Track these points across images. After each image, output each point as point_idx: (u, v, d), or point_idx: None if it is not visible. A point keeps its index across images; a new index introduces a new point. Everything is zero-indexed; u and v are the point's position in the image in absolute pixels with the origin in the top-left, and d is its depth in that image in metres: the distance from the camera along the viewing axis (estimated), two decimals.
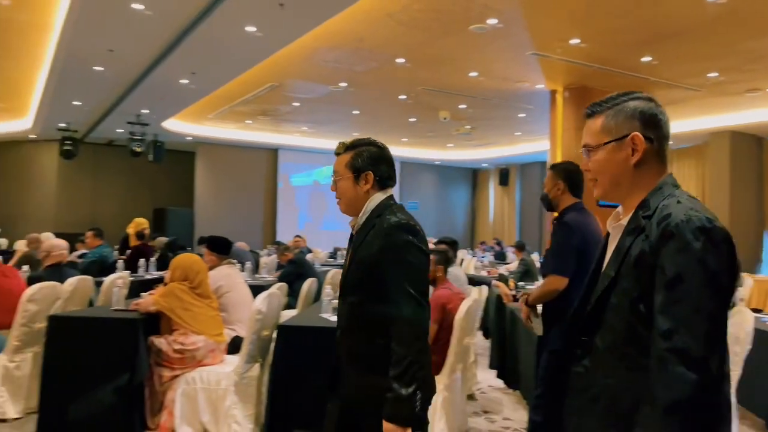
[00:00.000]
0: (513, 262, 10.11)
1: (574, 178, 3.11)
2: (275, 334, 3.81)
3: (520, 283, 6.82)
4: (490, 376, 5.51)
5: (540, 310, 3.10)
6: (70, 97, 10.02)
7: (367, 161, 2.01)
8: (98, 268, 6.56)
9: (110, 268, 6.59)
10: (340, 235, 15.69)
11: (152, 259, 7.36)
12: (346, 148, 2.06)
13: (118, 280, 5.24)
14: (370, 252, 1.90)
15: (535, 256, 10.30)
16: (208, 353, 3.91)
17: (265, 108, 11.53)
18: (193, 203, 15.33)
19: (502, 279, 5.72)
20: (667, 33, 6.80)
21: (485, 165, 18.83)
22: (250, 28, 6.48)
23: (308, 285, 5.52)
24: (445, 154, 17.25)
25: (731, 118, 11.11)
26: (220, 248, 4.79)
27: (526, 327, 3.18)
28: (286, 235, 14.28)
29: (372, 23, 6.67)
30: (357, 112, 11.77)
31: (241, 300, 4.50)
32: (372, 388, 1.84)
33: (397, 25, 6.69)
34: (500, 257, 13.19)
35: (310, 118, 12.54)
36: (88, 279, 4.89)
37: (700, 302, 1.19)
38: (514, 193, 18.21)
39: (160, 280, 6.07)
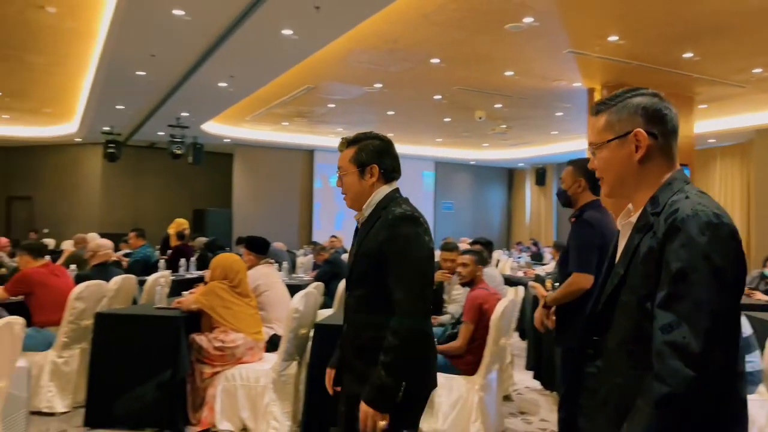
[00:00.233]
0: (550, 263, 9.99)
1: (595, 176, 3.07)
2: (312, 333, 3.87)
3: (557, 284, 6.74)
4: (527, 378, 5.47)
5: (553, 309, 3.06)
6: (114, 101, 10.31)
7: (372, 155, 2.01)
8: (141, 267, 6.75)
9: (152, 268, 6.77)
10: None
11: (192, 259, 7.53)
12: (349, 143, 2.05)
13: (161, 279, 5.38)
14: (376, 243, 1.90)
15: None
16: (247, 351, 3.99)
17: (301, 110, 11.66)
18: (231, 204, 15.59)
19: (539, 280, 5.67)
20: (710, 28, 6.64)
21: (521, 165, 18.63)
22: (286, 32, 6.57)
23: (344, 284, 5.56)
24: (481, 153, 17.14)
25: None
26: (259, 248, 4.88)
27: (537, 328, 3.15)
28: (321, 235, 14.41)
29: (407, 24, 6.69)
30: (392, 113, 11.80)
31: (279, 299, 4.57)
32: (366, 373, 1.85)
33: (432, 25, 6.69)
34: (537, 258, 13.03)
35: (345, 120, 12.62)
36: (132, 278, 5.04)
37: (704, 298, 1.16)
38: (550, 193, 17.96)
39: (200, 279, 6.22)
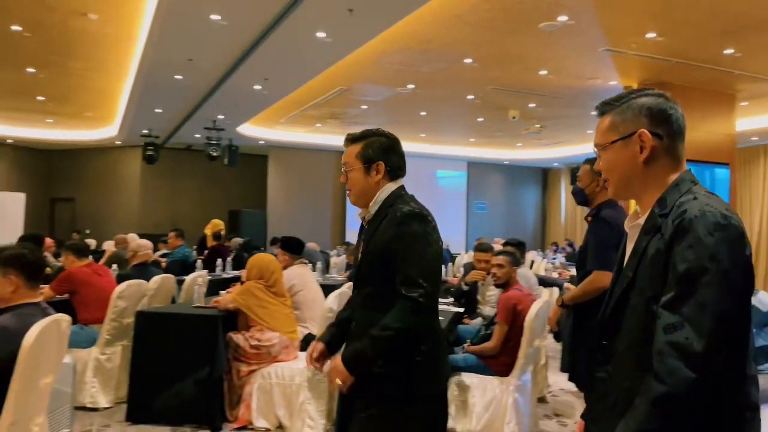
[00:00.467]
0: None
1: None
2: None
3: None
4: (562, 380, 5.41)
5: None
6: (153, 105, 10.56)
7: (378, 151, 2.00)
8: (179, 267, 6.90)
9: (190, 268, 6.92)
10: None
11: (228, 259, 7.66)
12: (355, 139, 2.04)
13: (198, 278, 5.50)
14: (383, 241, 1.89)
15: None
16: (283, 349, 4.05)
17: (334, 111, 11.75)
18: (266, 205, 15.79)
19: (574, 281, 5.60)
20: (752, 23, 6.46)
21: (556, 164, 18.40)
22: (320, 34, 6.64)
23: None
24: (514, 153, 16.99)
25: None
26: (293, 248, 4.95)
27: (551, 327, 3.12)
28: (354, 235, 14.46)
29: (440, 25, 6.69)
30: (424, 113, 11.79)
31: (313, 298, 4.63)
32: (386, 369, 1.85)
33: (465, 25, 6.68)
34: (572, 259, 12.87)
35: (377, 121, 12.65)
36: (171, 277, 5.16)
37: (709, 299, 1.14)
38: None
39: (236, 279, 6.33)
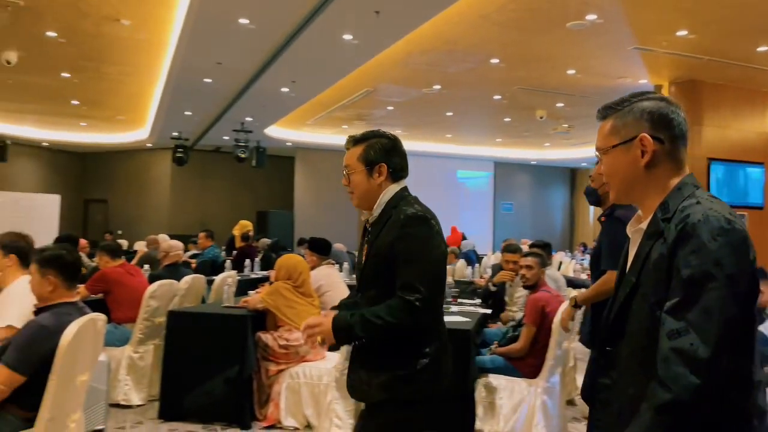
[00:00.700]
0: None
1: None
2: None
3: None
4: None
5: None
6: (182, 108, 10.75)
7: (380, 153, 1.98)
8: (209, 267, 7.01)
9: (220, 268, 7.02)
10: None
11: (256, 260, 7.75)
12: (356, 141, 2.02)
13: (228, 278, 5.58)
14: (386, 243, 1.87)
15: None
16: (311, 349, 4.09)
17: (360, 113, 11.80)
18: (293, 206, 15.93)
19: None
20: None
21: (584, 164, 18.16)
22: (347, 37, 6.68)
23: None
24: (542, 153, 16.84)
25: None
26: (321, 249, 4.99)
27: (563, 328, 3.10)
28: None
29: (466, 25, 6.68)
30: (450, 114, 11.77)
31: (341, 299, 4.65)
32: (387, 381, 1.84)
33: (492, 25, 6.65)
34: None
35: (403, 121, 12.68)
36: (201, 278, 5.25)
37: (714, 305, 1.13)
38: None
39: (264, 279, 6.40)
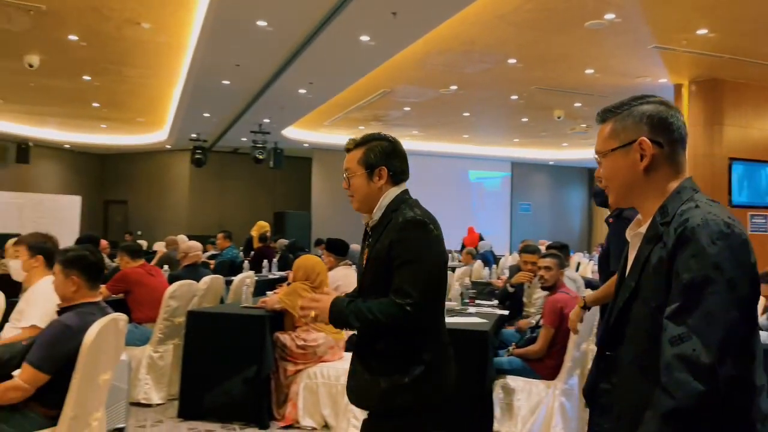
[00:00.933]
0: None
1: None
2: None
3: None
4: None
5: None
6: (201, 109, 10.86)
7: (380, 156, 1.96)
8: (227, 267, 7.07)
9: (238, 268, 7.07)
10: (451, 237, 15.68)
11: (274, 260, 7.80)
12: (356, 144, 2.00)
13: (246, 279, 5.62)
14: (384, 247, 1.86)
15: None
16: (328, 350, 4.11)
17: (377, 114, 11.82)
18: (310, 206, 15.99)
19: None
20: None
21: None
22: (363, 38, 6.70)
23: None
24: (560, 153, 16.72)
25: None
26: (338, 250, 5.01)
27: (572, 330, 3.08)
28: None
29: (483, 26, 6.66)
30: (467, 114, 11.75)
31: None
32: (385, 390, 1.83)
33: (509, 26, 6.63)
34: None
35: (420, 122, 12.68)
36: (220, 278, 5.29)
37: (715, 309, 1.12)
38: None
39: (282, 280, 6.44)
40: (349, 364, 2.02)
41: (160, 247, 9.40)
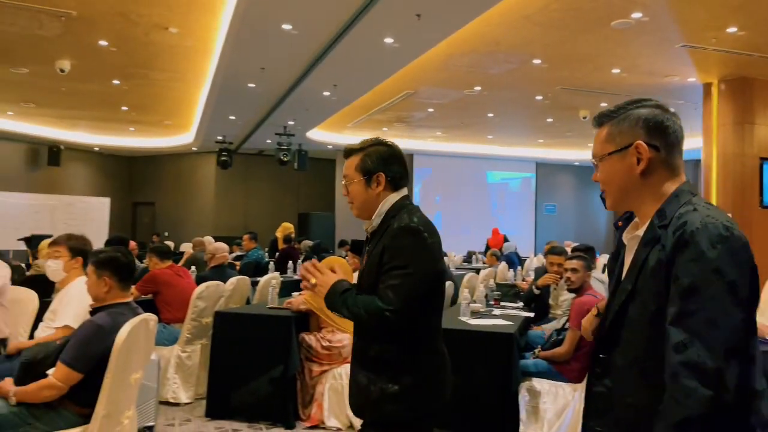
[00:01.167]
0: None
1: None
2: None
3: None
4: None
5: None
6: (227, 112, 10.98)
7: (377, 162, 1.92)
8: (253, 268, 7.14)
9: (263, 269, 7.14)
10: (475, 239, 15.62)
11: (299, 261, 7.85)
12: (354, 150, 1.98)
13: (272, 280, 5.67)
14: (378, 254, 1.84)
15: None
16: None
17: (400, 115, 11.83)
18: (334, 208, 16.06)
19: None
20: None
21: None
22: (388, 40, 6.72)
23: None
24: (585, 154, 16.51)
25: None
26: (362, 251, 5.02)
27: (584, 336, 3.04)
28: None
29: (508, 26, 6.63)
30: (491, 115, 11.69)
31: None
32: (376, 393, 1.80)
33: (534, 26, 6.59)
34: None
35: (444, 123, 12.65)
36: (246, 279, 5.36)
37: (717, 313, 1.12)
38: None
39: None
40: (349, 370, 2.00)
41: (187, 248, 9.52)
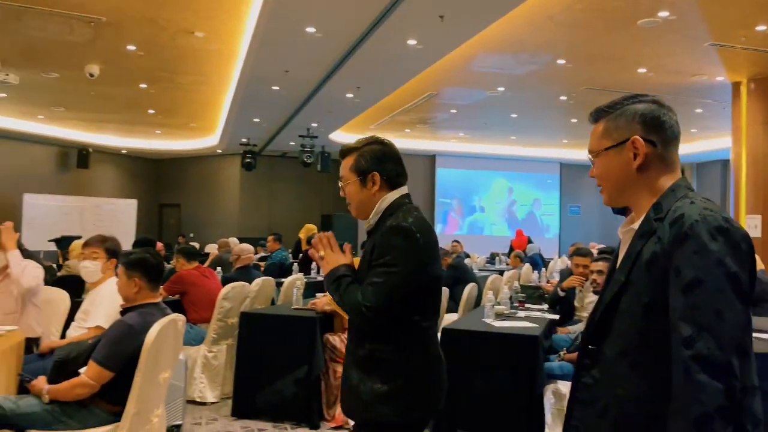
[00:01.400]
0: None
1: None
2: (438, 337, 3.93)
3: None
4: None
5: None
6: (251, 115, 11.09)
7: (371, 162, 1.90)
8: (277, 269, 7.20)
9: (287, 270, 7.20)
10: (498, 240, 15.54)
11: None
12: (347, 151, 1.96)
13: (297, 281, 5.72)
14: (369, 252, 1.84)
15: None
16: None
17: (423, 116, 11.82)
18: None
19: None
20: None
21: None
22: (411, 42, 6.73)
23: (469, 290, 5.59)
24: None
25: None
26: None
27: None
28: (443, 240, 14.44)
29: (532, 26, 6.59)
30: (515, 116, 11.63)
31: None
32: (367, 393, 1.79)
33: (558, 26, 6.54)
34: None
35: (467, 124, 12.62)
36: (271, 280, 5.41)
37: (722, 306, 1.12)
38: None
39: None
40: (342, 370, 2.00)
41: (212, 249, 9.64)
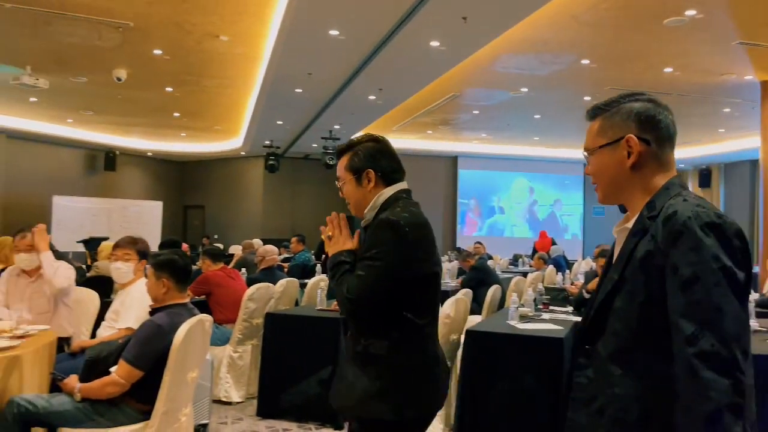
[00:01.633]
0: None
1: None
2: (463, 339, 3.93)
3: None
4: None
5: None
6: (275, 117, 11.19)
7: (365, 159, 1.90)
8: (300, 270, 7.25)
9: (311, 272, 7.25)
10: (521, 241, 15.44)
11: None
12: (342, 150, 1.96)
13: (321, 282, 5.75)
14: (361, 244, 1.85)
15: None
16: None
17: (445, 117, 11.81)
18: None
19: None
20: None
21: (682, 165, 17.22)
22: (433, 43, 6.73)
23: (493, 291, 5.57)
24: None
25: None
26: None
27: None
28: (465, 241, 14.42)
29: (555, 26, 6.55)
30: (538, 117, 11.55)
31: None
32: (360, 390, 1.78)
33: (582, 26, 6.49)
34: None
35: (489, 125, 12.57)
36: (295, 281, 5.44)
37: (721, 301, 1.12)
38: (718, 195, 16.44)
39: None
40: (337, 367, 1.98)
41: (236, 251, 9.74)
